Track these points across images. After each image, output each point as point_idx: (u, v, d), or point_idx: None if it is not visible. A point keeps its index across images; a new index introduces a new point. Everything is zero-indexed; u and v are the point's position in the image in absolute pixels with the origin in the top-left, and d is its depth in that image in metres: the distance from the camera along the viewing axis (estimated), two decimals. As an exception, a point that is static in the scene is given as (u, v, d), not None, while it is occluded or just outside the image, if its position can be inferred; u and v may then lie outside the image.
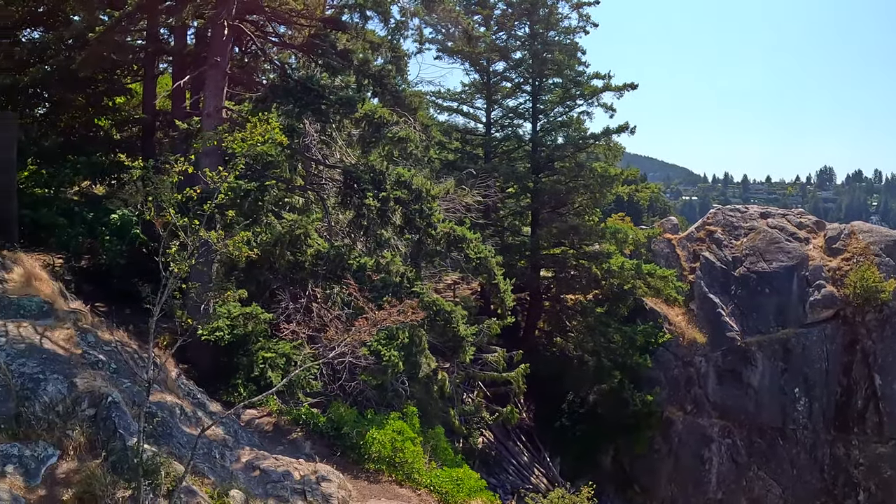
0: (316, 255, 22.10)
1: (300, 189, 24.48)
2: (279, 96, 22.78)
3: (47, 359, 15.94)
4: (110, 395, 15.12)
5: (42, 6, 28.70)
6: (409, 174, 22.99)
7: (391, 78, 24.26)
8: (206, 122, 23.00)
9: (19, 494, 12.63)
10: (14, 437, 13.88)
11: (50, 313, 17.95)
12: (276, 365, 22.15)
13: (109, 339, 18.46)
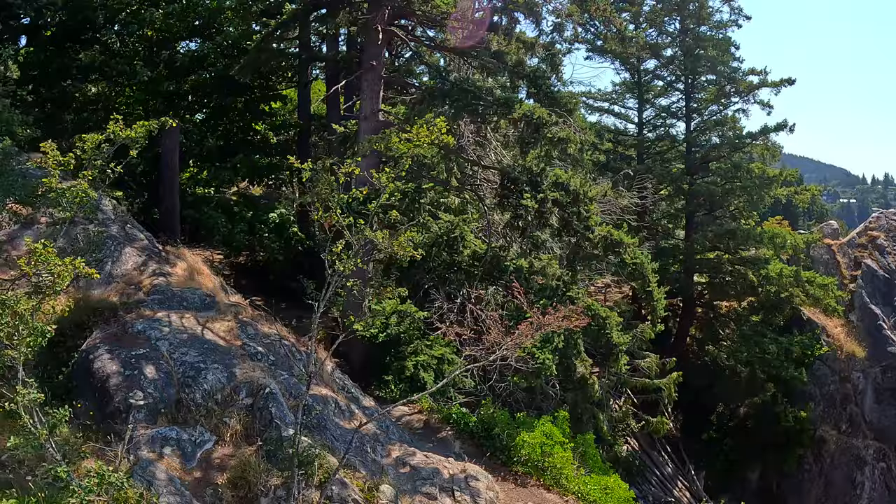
0: (472, 255, 22.18)
1: (455, 190, 24.61)
2: (436, 98, 22.95)
3: (208, 349, 16.67)
4: (268, 386, 15.66)
5: (198, 19, 30.02)
6: (566, 176, 22.79)
7: (546, 79, 24.04)
8: (363, 125, 23.44)
9: (175, 475, 13.28)
10: (174, 422, 14.69)
11: (211, 306, 18.68)
12: (428, 364, 22.33)
13: (269, 331, 18.98)
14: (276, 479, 13.58)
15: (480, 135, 24.49)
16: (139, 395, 14.85)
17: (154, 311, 17.52)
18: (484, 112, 22.65)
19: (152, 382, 15.22)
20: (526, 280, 21.57)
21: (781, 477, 39.09)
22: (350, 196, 13.24)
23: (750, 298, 39.33)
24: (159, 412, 14.84)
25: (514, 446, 20.51)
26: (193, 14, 29.56)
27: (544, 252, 23.31)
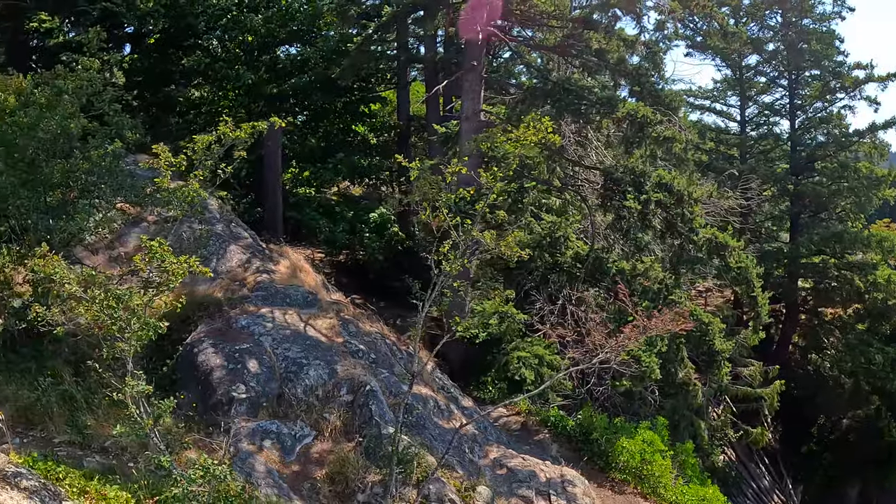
0: (574, 257, 21.68)
1: (556, 191, 24.15)
2: (537, 98, 22.54)
3: (310, 345, 16.70)
4: (369, 384, 15.60)
5: (297, 24, 30.31)
6: (669, 176, 22.08)
7: (649, 76, 23.37)
8: (464, 125, 23.18)
9: (273, 468, 13.38)
10: (274, 416, 14.77)
11: (314, 303, 18.73)
12: (527, 366, 21.95)
13: (370, 330, 18.97)
14: (374, 476, 13.54)
15: (581, 135, 23.95)
16: (241, 389, 15.00)
17: (258, 307, 17.66)
18: (586, 111, 22.14)
19: (255, 377, 15.34)
20: (628, 283, 20.95)
21: (882, 494, 37.15)
22: (457, 196, 12.94)
23: (856, 305, 37.40)
24: (260, 406, 14.94)
25: (612, 452, 20.05)
26: (292, 19, 29.83)
27: (646, 254, 22.62)
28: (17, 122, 16.31)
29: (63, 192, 16.54)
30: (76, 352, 15.69)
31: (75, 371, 15.35)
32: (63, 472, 10.69)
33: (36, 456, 11.13)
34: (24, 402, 14.33)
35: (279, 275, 19.76)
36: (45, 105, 16.40)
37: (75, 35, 27.28)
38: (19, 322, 15.67)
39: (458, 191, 13.18)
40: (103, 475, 11.65)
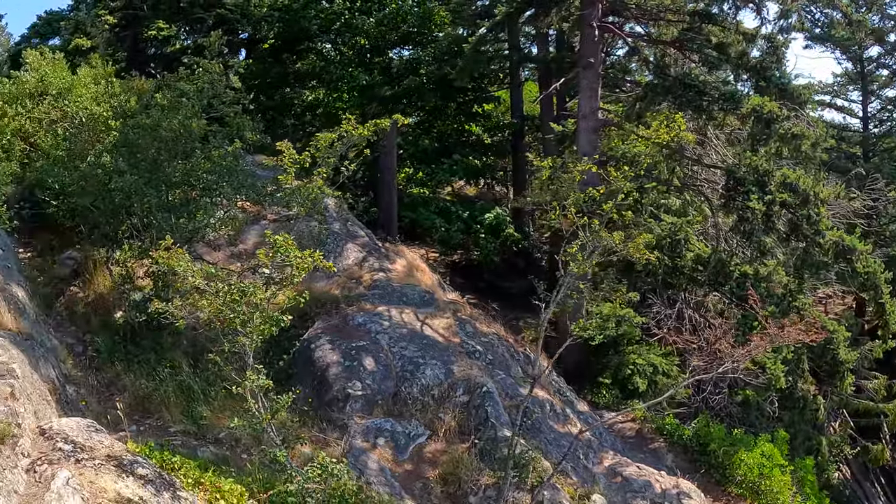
0: (696, 259, 20.73)
1: (676, 190, 23.22)
2: (657, 94, 21.67)
3: (427, 344, 16.41)
4: (485, 385, 15.17)
5: (408, 26, 30.22)
6: (794, 175, 20.86)
7: (773, 71, 22.16)
8: (581, 123, 22.51)
9: (386, 466, 13.15)
10: (389, 414, 14.58)
11: (430, 302, 18.45)
12: (643, 371, 21.18)
13: (487, 330, 18.58)
14: (488, 479, 13.15)
15: (700, 132, 22.93)
16: (357, 386, 14.86)
17: (374, 305, 17.51)
18: (708, 107, 21.17)
19: (371, 374, 15.16)
20: (752, 287, 19.87)
21: None
22: (586, 195, 12.40)
23: None
24: (376, 403, 14.75)
25: (729, 465, 19.00)
26: (403, 21, 29.76)
27: (769, 258, 21.43)
28: (140, 123, 16.52)
29: (185, 190, 16.74)
30: (195, 344, 15.82)
31: (193, 362, 15.53)
32: (178, 462, 10.62)
33: (152, 445, 11.09)
34: (142, 391, 14.59)
35: (395, 273, 19.59)
36: (166, 106, 16.55)
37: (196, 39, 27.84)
38: (140, 314, 15.85)
39: (588, 190, 12.57)
40: (217, 466, 11.60)
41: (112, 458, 8.86)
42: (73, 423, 9.52)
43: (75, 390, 13.69)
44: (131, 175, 15.60)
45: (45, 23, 33.51)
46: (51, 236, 20.11)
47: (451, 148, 30.33)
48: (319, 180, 13.53)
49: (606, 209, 12.33)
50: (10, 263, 13.50)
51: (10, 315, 11.70)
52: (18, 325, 11.70)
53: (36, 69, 21.39)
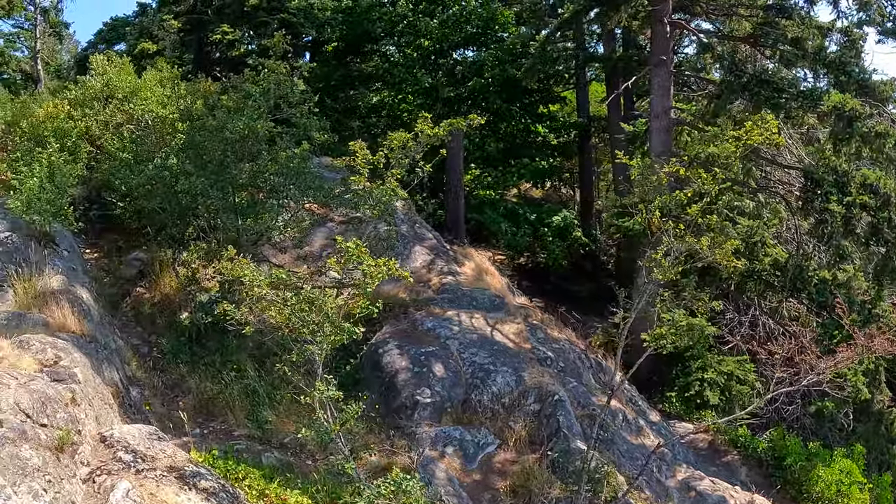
0: (773, 264, 19.68)
1: (750, 192, 22.13)
2: (733, 92, 20.62)
3: (497, 350, 15.70)
4: (557, 394, 14.48)
5: (472, 27, 29.54)
6: (874, 176, 19.65)
7: (852, 66, 20.93)
8: (654, 123, 21.55)
9: (454, 476, 12.59)
10: (458, 422, 13.96)
11: (500, 307, 17.79)
12: (715, 381, 20.18)
13: (558, 336, 17.88)
14: (559, 492, 12.49)
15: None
16: (426, 393, 14.33)
17: (443, 309, 16.92)
18: (786, 105, 20.06)
19: (440, 381, 14.59)
20: (831, 294, 18.78)
21: None
22: (673, 198, 11.66)
23: None
24: (444, 411, 14.18)
25: (807, 480, 17.91)
26: (467, 22, 29.15)
27: (847, 262, 20.25)
28: (206, 125, 16.15)
29: (251, 192, 16.27)
30: (260, 346, 15.43)
31: (259, 365, 15.14)
32: (243, 472, 10.25)
33: (216, 453, 10.71)
34: (207, 394, 14.27)
35: (464, 277, 18.99)
36: (232, 108, 16.15)
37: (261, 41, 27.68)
38: (206, 316, 15.45)
39: (676, 193, 11.84)
40: (282, 474, 11.28)
41: (174, 469, 8.41)
42: (134, 430, 9.10)
43: (139, 392, 13.34)
44: (197, 177, 15.24)
45: (110, 29, 33.78)
46: (117, 237, 19.94)
47: (517, 150, 29.61)
48: (393, 182, 12.94)
49: (692, 213, 11.61)
50: (75, 265, 13.20)
51: (75, 317, 11.35)
52: (82, 328, 11.35)
53: (102, 73, 21.28)
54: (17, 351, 9.48)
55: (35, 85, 32.52)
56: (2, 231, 12.41)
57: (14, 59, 37.81)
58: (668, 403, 20.31)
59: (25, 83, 33.68)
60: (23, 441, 7.46)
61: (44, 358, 9.47)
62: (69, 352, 9.84)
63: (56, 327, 10.79)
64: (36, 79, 33.85)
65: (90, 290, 13.31)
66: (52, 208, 12.52)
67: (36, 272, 11.82)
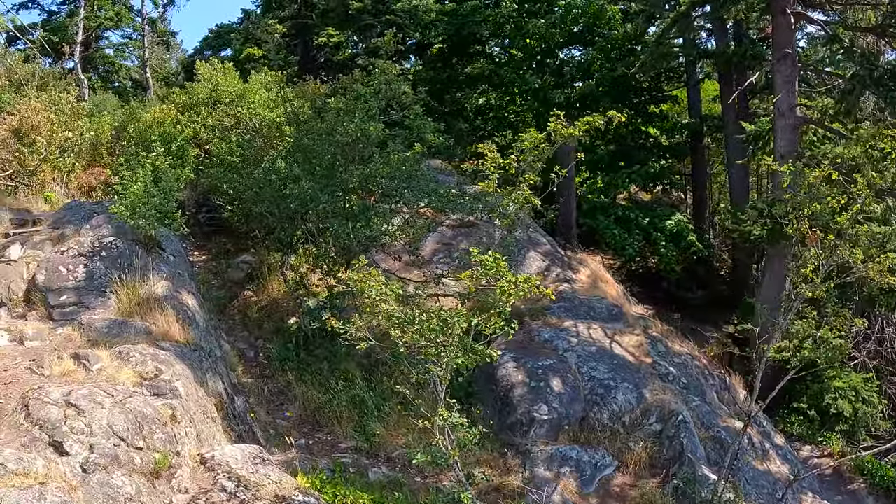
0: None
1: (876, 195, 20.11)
2: (866, 87, 18.70)
3: (617, 365, 14.36)
4: (680, 413, 13.09)
5: (578, 26, 28.06)
6: None
7: None
8: (779, 121, 19.75)
9: (570, 499, 11.61)
10: (575, 441, 12.81)
11: (618, 317, 16.39)
12: (843, 399, 18.36)
13: (679, 350, 16.40)
14: (688, 521, 11.33)
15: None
16: (543, 410, 13.16)
17: (560, 319, 15.64)
18: (922, 101, 18.07)
19: (558, 397, 13.38)
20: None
21: None
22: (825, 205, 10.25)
23: None
24: (562, 429, 12.97)
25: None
26: (574, 21, 27.75)
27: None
28: (315, 128, 15.26)
29: (362, 196, 15.25)
30: (369, 355, 14.55)
31: (367, 374, 14.36)
32: (351, 496, 9.48)
33: (324, 477, 9.94)
34: (313, 402, 13.59)
35: (580, 284, 17.70)
36: (342, 110, 15.19)
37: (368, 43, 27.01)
38: (313, 322, 14.62)
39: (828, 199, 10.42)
40: (391, 492, 10.67)
41: (280, 498, 7.50)
42: (237, 451, 8.20)
43: (244, 401, 12.57)
44: (306, 181, 14.30)
45: (216, 35, 33.76)
46: (226, 240, 19.38)
47: (628, 152, 27.95)
48: (525, 189, 11.72)
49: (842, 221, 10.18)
50: (181, 270, 12.48)
51: (179, 325, 10.58)
52: (186, 336, 10.56)
53: (208, 79, 20.77)
54: (116, 363, 8.73)
55: (144, 92, 32.82)
56: (106, 236, 11.76)
57: (124, 67, 38.35)
58: (789, 423, 18.58)
59: (135, 91, 34.06)
60: (115, 467, 6.66)
61: (144, 370, 8.69)
62: (171, 363, 9.05)
63: (159, 335, 10.03)
64: (145, 86, 34.20)
65: (196, 295, 12.58)
66: (158, 212, 11.81)
67: (140, 278, 11.14)
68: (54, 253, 11.28)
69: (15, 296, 10.72)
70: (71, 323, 10.06)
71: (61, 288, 10.64)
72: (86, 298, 10.57)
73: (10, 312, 10.53)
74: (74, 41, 30.59)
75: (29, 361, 8.82)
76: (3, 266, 10.90)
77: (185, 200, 17.99)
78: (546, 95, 26.55)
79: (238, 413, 11.47)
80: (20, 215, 14.31)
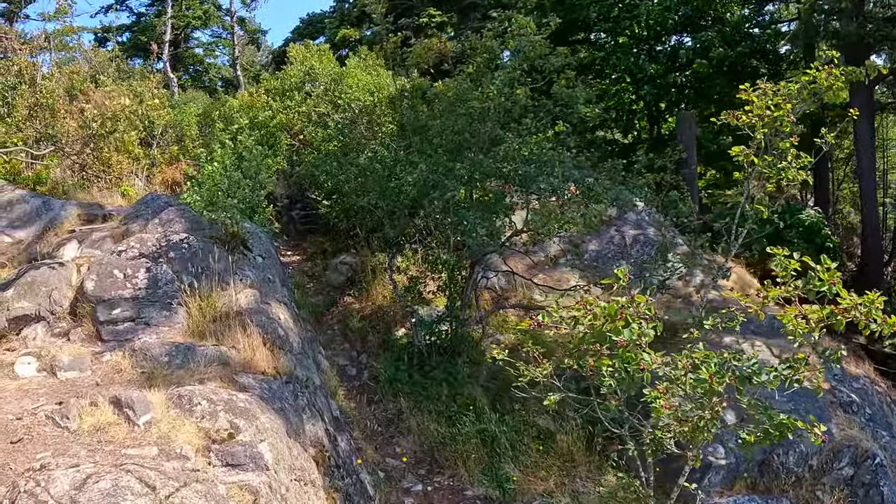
0: None
1: None
2: None
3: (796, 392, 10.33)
4: (876, 455, 9.70)
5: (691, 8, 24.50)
6: None
7: None
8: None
9: None
10: (753, 489, 9.63)
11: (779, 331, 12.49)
12: None
13: (855, 372, 12.63)
14: None
15: None
16: (720, 452, 9.62)
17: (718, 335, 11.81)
18: None
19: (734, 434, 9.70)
20: None
21: None
22: None
23: None
24: (739, 475, 9.60)
25: None
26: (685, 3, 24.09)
27: None
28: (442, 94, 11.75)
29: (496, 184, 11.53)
30: (496, 376, 11.21)
31: (493, 401, 10.87)
32: None
33: None
34: (431, 437, 10.36)
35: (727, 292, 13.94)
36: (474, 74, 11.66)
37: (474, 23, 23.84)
38: (428, 335, 11.32)
39: None
40: None
41: None
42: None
43: (348, 439, 9.32)
44: (426, 165, 10.79)
45: (307, 24, 31.02)
46: (322, 239, 16.03)
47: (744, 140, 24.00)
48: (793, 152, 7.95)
49: None
50: (271, 274, 9.17)
51: (267, 349, 7.36)
52: (276, 363, 7.33)
53: (301, 62, 17.58)
54: (173, 413, 5.56)
55: (235, 90, 30.39)
56: (177, 232, 8.61)
57: (214, 66, 36.33)
58: None
59: (226, 90, 31.69)
60: None
61: (213, 427, 5.49)
62: (253, 414, 5.83)
63: (239, 365, 6.84)
64: (236, 85, 31.79)
65: (289, 306, 9.27)
66: (244, 204, 8.65)
67: (218, 285, 7.98)
68: (110, 253, 8.16)
69: (59, 307, 7.66)
70: (122, 346, 6.96)
71: (115, 298, 7.54)
72: (145, 312, 7.45)
73: (49, 330, 7.48)
74: (163, 41, 28.24)
75: (55, 405, 5.76)
76: (44, 271, 7.83)
77: (277, 195, 14.95)
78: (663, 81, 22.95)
79: (342, 460, 8.21)
80: (91, 210, 11.40)
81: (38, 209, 11.41)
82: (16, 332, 7.45)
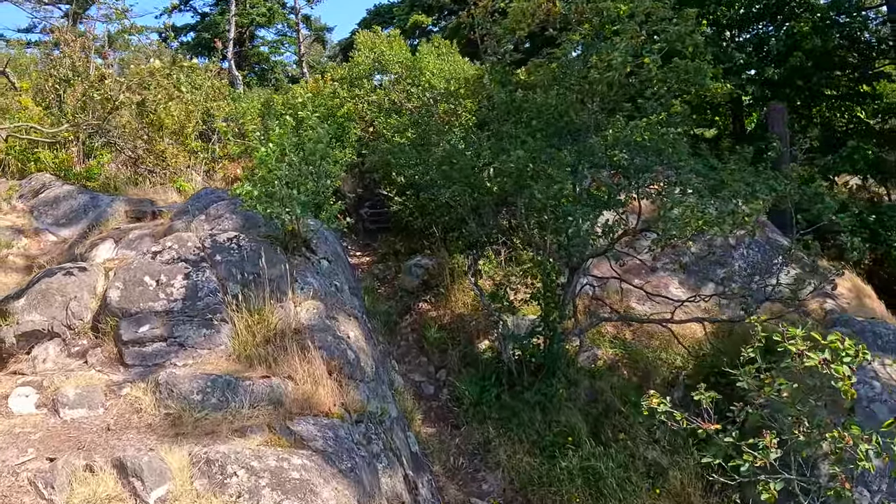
0: None
1: None
2: None
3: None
4: None
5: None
6: None
7: None
8: None
9: None
10: None
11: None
12: None
13: None
14: None
15: None
16: (864, 495, 7.87)
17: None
18: None
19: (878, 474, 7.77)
20: None
21: None
22: None
23: None
24: None
25: None
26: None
27: None
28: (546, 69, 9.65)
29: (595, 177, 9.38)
30: (597, 398, 9.18)
31: (594, 428, 8.81)
32: None
33: None
34: (523, 472, 8.41)
35: (843, 299, 11.73)
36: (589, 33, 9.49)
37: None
38: (517, 349, 9.33)
39: None
40: None
41: None
42: None
43: (429, 482, 7.33)
44: (524, 151, 8.47)
45: (374, 14, 29.11)
46: (394, 239, 14.12)
47: (840, 137, 21.31)
48: None
49: None
50: (338, 281, 7.19)
51: (332, 380, 5.41)
52: (345, 398, 5.39)
53: (370, 49, 15.70)
54: (198, 486, 3.70)
55: (302, 86, 28.96)
56: (225, 230, 6.76)
57: (280, 63, 34.86)
58: None
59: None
60: None
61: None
62: (312, 491, 3.89)
63: (295, 405, 4.93)
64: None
65: (361, 321, 7.22)
66: (307, 196, 6.79)
67: (272, 295, 6.04)
68: (141, 255, 6.34)
69: (78, 321, 5.87)
70: (146, 376, 5.08)
71: (143, 312, 5.70)
72: (180, 330, 5.57)
73: (65, 349, 5.70)
74: (227, 38, 26.88)
75: (45, 460, 4.00)
76: (59, 277, 6.09)
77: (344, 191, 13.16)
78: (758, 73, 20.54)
79: (425, 511, 6.30)
80: (140, 206, 9.74)
81: (84, 206, 9.83)
82: (25, 351, 5.74)
